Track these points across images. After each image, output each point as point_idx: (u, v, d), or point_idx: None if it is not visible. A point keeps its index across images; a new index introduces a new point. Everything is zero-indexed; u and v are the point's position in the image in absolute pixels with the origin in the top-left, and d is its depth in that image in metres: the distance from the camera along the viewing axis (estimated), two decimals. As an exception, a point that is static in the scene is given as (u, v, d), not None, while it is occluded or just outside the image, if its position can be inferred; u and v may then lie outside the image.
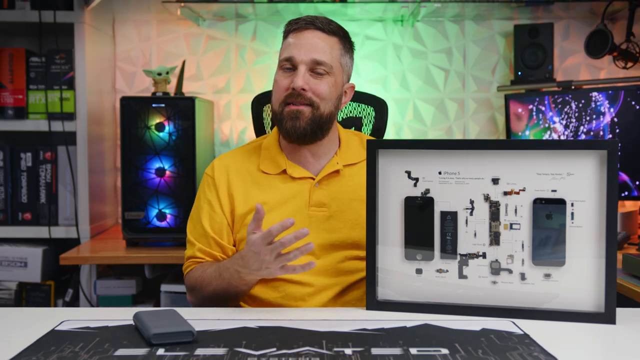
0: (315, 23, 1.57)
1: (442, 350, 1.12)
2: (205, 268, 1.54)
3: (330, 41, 1.57)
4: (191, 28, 2.78)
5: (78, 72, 2.44)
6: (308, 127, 1.55)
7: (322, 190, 1.59)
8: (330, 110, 1.58)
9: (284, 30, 1.62)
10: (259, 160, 1.64)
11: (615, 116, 2.30)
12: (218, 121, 2.79)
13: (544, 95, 2.50)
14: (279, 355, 1.09)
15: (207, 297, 1.53)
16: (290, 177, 1.60)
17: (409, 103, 2.79)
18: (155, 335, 1.14)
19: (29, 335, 1.19)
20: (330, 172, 1.60)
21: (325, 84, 1.55)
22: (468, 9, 2.62)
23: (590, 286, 1.30)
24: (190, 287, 1.58)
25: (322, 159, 1.63)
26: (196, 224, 1.62)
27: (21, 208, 2.48)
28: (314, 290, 1.54)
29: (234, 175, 1.62)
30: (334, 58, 1.57)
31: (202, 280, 1.53)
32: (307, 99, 1.54)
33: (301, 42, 1.55)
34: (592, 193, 1.29)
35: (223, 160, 1.67)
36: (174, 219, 2.29)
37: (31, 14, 2.41)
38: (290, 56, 1.55)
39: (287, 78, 1.56)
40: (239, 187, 1.61)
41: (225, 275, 1.47)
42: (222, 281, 1.48)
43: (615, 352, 1.16)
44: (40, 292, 2.48)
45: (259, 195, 1.59)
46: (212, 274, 1.51)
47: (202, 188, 1.66)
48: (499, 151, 1.34)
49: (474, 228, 1.35)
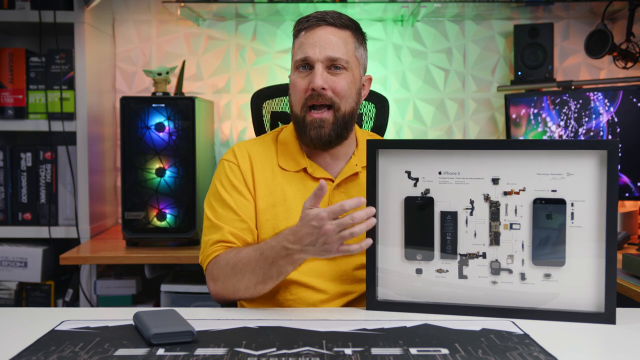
0: (327, 19, 1.53)
1: (442, 350, 1.12)
2: (240, 250, 1.45)
3: (344, 35, 1.54)
4: (191, 28, 2.78)
5: (78, 72, 2.44)
6: (333, 133, 1.52)
7: (341, 193, 1.56)
8: (351, 107, 1.55)
9: (295, 30, 1.58)
10: (277, 155, 1.60)
11: (615, 117, 2.30)
12: (218, 121, 2.79)
13: (542, 95, 2.49)
14: (279, 355, 1.09)
15: (240, 282, 1.42)
16: (310, 177, 1.56)
17: (409, 103, 2.79)
18: (155, 335, 1.14)
19: (29, 335, 1.19)
20: (349, 175, 1.57)
21: (344, 80, 1.52)
22: (468, 9, 2.62)
23: (590, 286, 1.30)
24: (217, 273, 1.46)
25: (340, 160, 1.59)
26: (221, 207, 1.54)
27: (21, 208, 2.48)
28: (328, 298, 1.51)
29: (257, 166, 1.57)
30: (349, 52, 1.53)
31: (236, 261, 1.42)
32: (328, 99, 1.51)
33: (314, 40, 1.52)
34: (592, 193, 1.29)
35: (243, 148, 1.60)
36: (174, 219, 2.29)
37: (31, 14, 2.41)
38: (306, 56, 1.51)
39: (304, 79, 1.53)
40: (261, 179, 1.56)
41: (269, 253, 1.37)
42: (265, 261, 1.38)
43: (615, 352, 1.16)
44: (40, 292, 2.48)
45: (280, 191, 1.54)
46: (250, 254, 1.41)
47: (222, 174, 1.58)
48: (499, 151, 1.34)
49: (474, 228, 1.35)
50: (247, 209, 1.54)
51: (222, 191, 1.56)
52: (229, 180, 1.56)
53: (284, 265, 1.37)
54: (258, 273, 1.39)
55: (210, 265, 1.49)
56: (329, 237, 1.28)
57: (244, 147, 1.61)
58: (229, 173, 1.57)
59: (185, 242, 2.31)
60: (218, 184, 1.58)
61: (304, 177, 1.57)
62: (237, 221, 1.52)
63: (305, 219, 1.31)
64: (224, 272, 1.44)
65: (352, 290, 1.52)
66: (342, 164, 1.59)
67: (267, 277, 1.39)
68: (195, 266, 2.54)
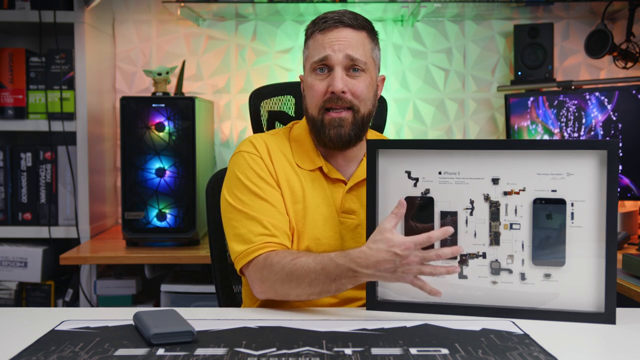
0: (344, 20, 1.50)
1: (442, 350, 1.12)
2: (297, 256, 1.36)
3: (361, 36, 1.51)
4: (191, 28, 2.78)
5: (78, 72, 2.45)
6: (352, 133, 1.50)
7: (352, 196, 1.54)
8: (369, 110, 1.53)
9: (309, 30, 1.54)
10: (292, 152, 1.55)
11: (615, 117, 2.30)
12: (218, 121, 2.79)
13: (540, 96, 2.49)
14: (279, 355, 1.09)
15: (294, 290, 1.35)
16: (325, 177, 1.54)
17: (409, 103, 2.79)
18: (155, 335, 1.14)
19: (29, 335, 1.19)
20: (362, 180, 1.53)
21: (363, 83, 1.49)
22: (468, 9, 2.62)
23: (590, 286, 1.30)
24: (268, 275, 1.37)
25: (352, 162, 1.57)
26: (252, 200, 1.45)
27: (21, 208, 2.48)
28: (339, 302, 1.49)
29: (275, 158, 1.51)
30: (366, 54, 1.51)
31: (293, 268, 1.34)
32: (348, 102, 1.48)
33: (333, 42, 1.48)
34: (592, 193, 1.29)
35: (260, 140, 1.53)
36: (174, 219, 2.29)
37: (31, 14, 2.41)
38: (325, 56, 1.47)
39: (323, 81, 1.49)
40: (282, 172, 1.51)
41: (333, 271, 1.30)
42: (327, 276, 1.31)
43: (615, 352, 1.16)
44: (40, 292, 2.48)
45: (299, 189, 1.50)
46: (310, 265, 1.33)
47: (243, 165, 1.49)
48: (499, 151, 1.33)
49: (474, 228, 1.35)
50: (279, 201, 1.47)
51: (249, 183, 1.47)
52: (254, 171, 1.48)
53: (346, 284, 1.32)
54: (316, 286, 1.34)
55: (260, 263, 1.39)
56: (411, 268, 1.26)
57: (260, 139, 1.54)
58: (252, 164, 1.49)
59: (185, 242, 2.31)
60: (241, 175, 1.48)
61: (319, 176, 1.54)
62: (275, 212, 1.45)
63: (387, 244, 1.26)
64: (278, 276, 1.36)
65: (360, 297, 1.50)
66: (354, 166, 1.57)
67: (325, 291, 1.35)
68: (196, 266, 2.54)
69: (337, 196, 1.53)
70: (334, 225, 1.51)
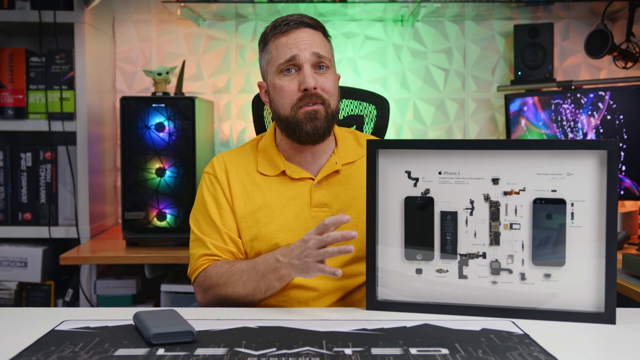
0: (305, 20, 1.56)
1: (442, 350, 1.12)
2: (233, 262, 1.50)
3: (320, 36, 1.57)
4: (191, 28, 2.78)
5: (78, 72, 2.45)
6: (325, 125, 1.54)
7: (323, 190, 1.58)
8: (336, 105, 1.58)
9: (269, 35, 1.57)
10: (257, 162, 1.62)
11: (615, 117, 2.30)
12: (218, 121, 2.79)
13: (542, 95, 2.49)
14: (279, 355, 1.09)
15: (231, 294, 1.46)
16: (289, 178, 1.59)
17: (409, 103, 2.79)
18: (155, 335, 1.14)
19: (29, 335, 1.19)
20: (330, 173, 1.59)
21: (330, 79, 1.55)
22: (468, 9, 2.62)
23: (590, 286, 1.30)
24: (208, 284, 1.49)
25: (320, 158, 1.61)
26: (204, 221, 1.58)
27: (21, 208, 2.48)
28: (318, 295, 1.52)
29: (233, 176, 1.61)
30: (328, 52, 1.58)
31: (228, 274, 1.46)
32: (320, 97, 1.52)
33: (298, 42, 1.53)
34: (592, 193, 1.29)
35: (221, 159, 1.64)
36: (174, 219, 2.29)
37: (31, 14, 2.41)
38: (293, 55, 1.52)
39: (292, 81, 1.53)
40: (238, 188, 1.59)
41: (261, 267, 1.43)
42: (256, 274, 1.43)
43: (615, 352, 1.16)
44: (40, 292, 2.48)
45: (260, 197, 1.58)
46: (243, 267, 1.46)
47: (203, 187, 1.62)
48: (499, 151, 1.34)
49: (474, 228, 1.35)
50: (227, 220, 1.57)
51: (201, 204, 1.61)
52: (209, 193, 1.60)
53: (272, 280, 1.43)
54: (248, 286, 1.45)
55: (201, 278, 1.52)
56: (311, 251, 1.34)
57: (221, 157, 1.65)
58: (208, 185, 1.61)
59: (185, 242, 2.31)
60: (200, 196, 1.62)
61: (284, 180, 1.59)
62: (218, 233, 1.56)
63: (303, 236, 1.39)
64: (215, 283, 1.48)
65: (343, 286, 1.53)
66: (322, 161, 1.61)
67: (256, 291, 1.44)
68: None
69: (306, 193, 1.58)
70: (305, 220, 1.56)
